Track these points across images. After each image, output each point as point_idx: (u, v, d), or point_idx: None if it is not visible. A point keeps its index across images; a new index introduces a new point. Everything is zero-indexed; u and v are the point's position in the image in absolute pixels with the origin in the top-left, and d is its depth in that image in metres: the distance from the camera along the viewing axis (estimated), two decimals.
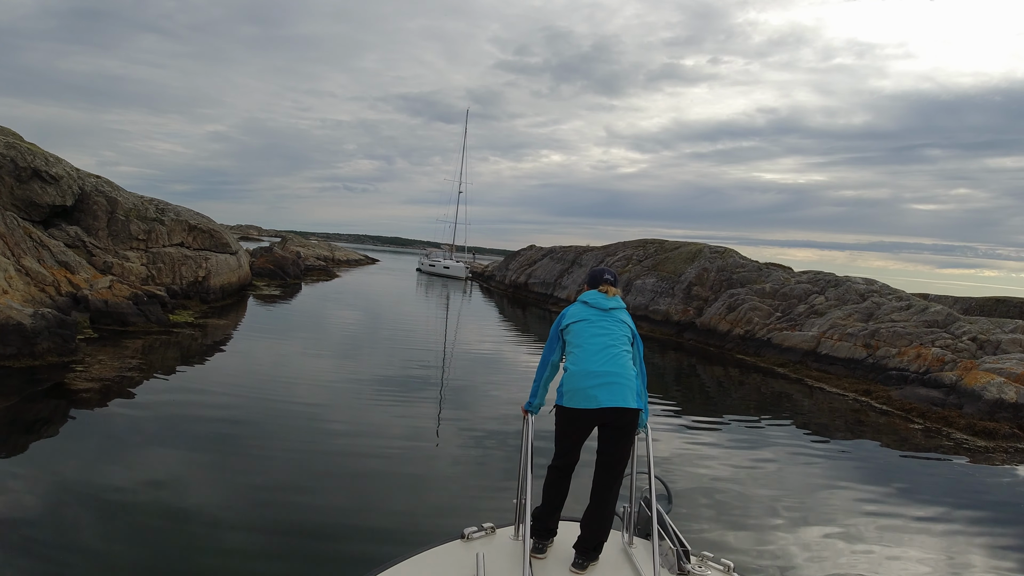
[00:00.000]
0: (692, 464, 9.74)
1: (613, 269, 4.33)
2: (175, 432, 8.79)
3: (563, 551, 3.40)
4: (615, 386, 3.40)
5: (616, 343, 3.54)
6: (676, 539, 3.20)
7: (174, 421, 9.33)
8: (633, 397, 3.43)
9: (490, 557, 3.10)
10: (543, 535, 3.47)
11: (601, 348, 3.52)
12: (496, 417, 11.34)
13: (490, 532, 3.52)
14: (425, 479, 8.12)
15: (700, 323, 27.51)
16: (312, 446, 8.79)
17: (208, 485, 7.21)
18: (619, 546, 3.54)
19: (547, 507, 3.49)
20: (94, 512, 6.22)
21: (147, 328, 16.43)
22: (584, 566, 3.27)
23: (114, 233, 21.72)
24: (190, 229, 24.23)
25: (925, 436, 13.38)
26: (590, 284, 3.89)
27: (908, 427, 13.99)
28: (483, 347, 20.24)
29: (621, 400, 3.38)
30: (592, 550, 3.31)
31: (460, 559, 3.20)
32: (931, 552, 7.49)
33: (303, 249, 55.83)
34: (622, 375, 3.44)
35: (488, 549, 3.27)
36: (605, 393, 3.38)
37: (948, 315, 20.51)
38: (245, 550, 5.92)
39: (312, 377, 12.97)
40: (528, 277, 46.85)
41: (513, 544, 3.41)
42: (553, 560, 3.37)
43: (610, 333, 3.58)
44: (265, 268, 34.04)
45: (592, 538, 3.33)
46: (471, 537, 3.43)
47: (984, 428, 13.64)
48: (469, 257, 71.23)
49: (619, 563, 3.37)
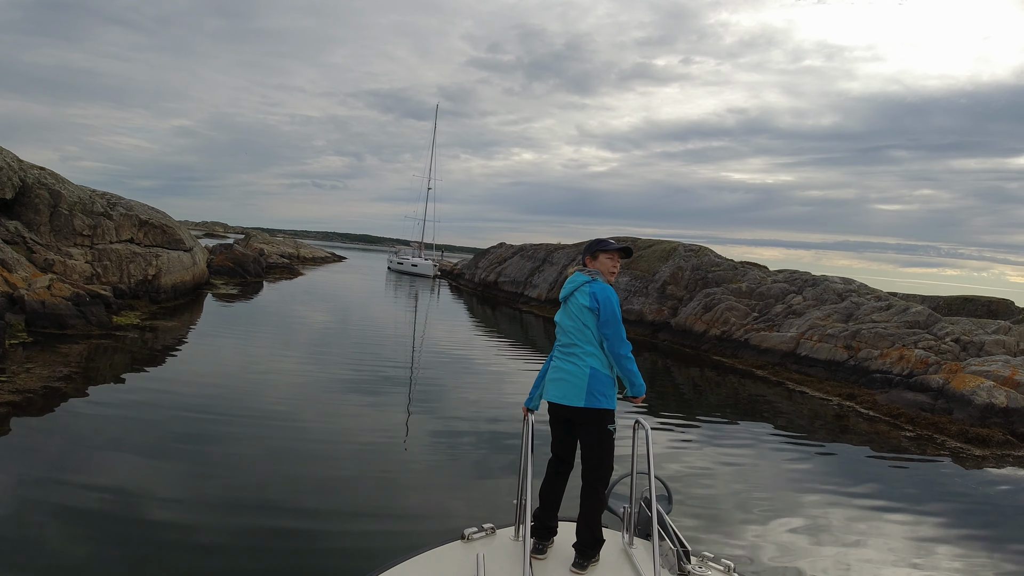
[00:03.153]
0: (670, 468, 8.94)
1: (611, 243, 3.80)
2: (100, 458, 7.68)
3: (563, 551, 3.37)
4: (561, 383, 3.45)
5: (573, 338, 3.49)
6: (676, 539, 3.21)
7: (102, 440, 8.20)
8: (579, 395, 3.37)
9: (490, 557, 3.11)
10: (543, 535, 3.43)
11: (561, 345, 3.57)
12: (466, 418, 11.06)
13: (490, 533, 3.50)
14: (397, 481, 7.96)
15: (675, 323, 26.85)
16: (259, 464, 7.78)
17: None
18: (619, 546, 3.53)
19: (542, 506, 3.48)
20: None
21: (87, 331, 15.14)
22: (584, 566, 3.22)
23: (57, 228, 20.25)
24: (140, 224, 22.81)
25: (918, 444, 12.76)
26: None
27: (899, 435, 13.37)
28: (452, 351, 19.26)
29: (564, 398, 3.42)
30: (586, 548, 3.25)
31: (460, 560, 3.18)
32: (936, 558, 7.06)
33: (267, 246, 54.23)
34: (571, 372, 3.42)
35: (488, 550, 3.26)
36: (554, 388, 3.49)
37: (929, 316, 20.09)
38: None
39: (264, 385, 11.88)
40: (498, 276, 45.93)
41: (513, 544, 3.39)
42: (553, 560, 3.35)
43: (564, 327, 3.55)
44: (224, 266, 32.59)
45: (580, 537, 3.29)
46: (471, 538, 3.41)
47: (977, 435, 13.08)
48: (438, 255, 70.10)
49: (619, 563, 3.35)
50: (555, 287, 36.53)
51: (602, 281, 3.54)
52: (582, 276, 3.57)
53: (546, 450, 3.64)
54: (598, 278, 3.55)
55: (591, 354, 3.43)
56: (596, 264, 3.64)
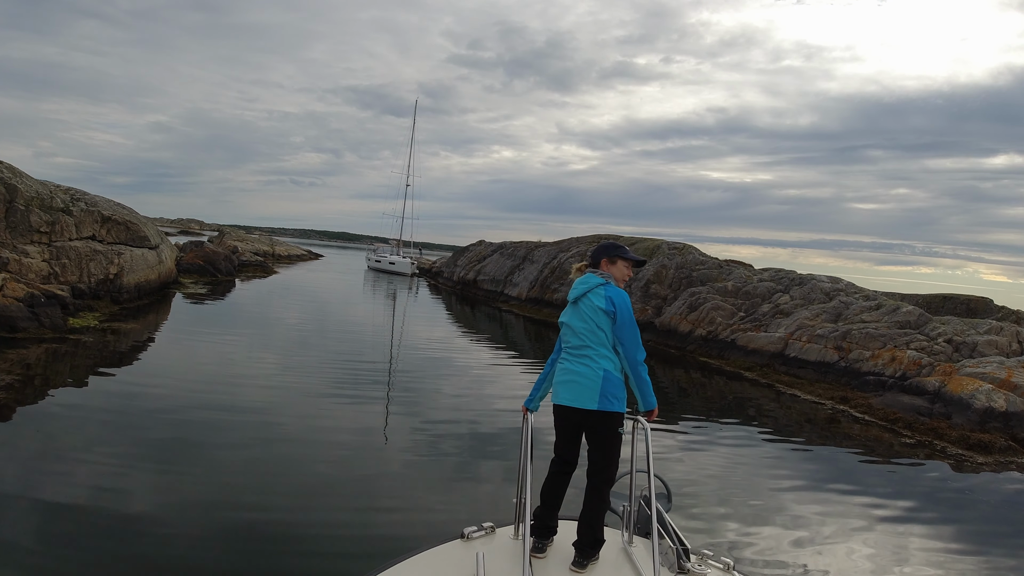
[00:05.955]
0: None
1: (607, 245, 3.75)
2: (35, 474, 6.82)
3: (563, 550, 3.33)
4: (573, 385, 3.38)
5: (585, 339, 3.41)
6: (676, 538, 3.19)
7: (40, 460, 7.33)
8: (594, 399, 3.32)
9: (490, 556, 3.05)
10: (543, 534, 3.40)
11: (570, 347, 3.48)
12: (447, 420, 10.76)
13: (490, 531, 3.47)
14: (377, 482, 7.80)
15: (659, 323, 26.27)
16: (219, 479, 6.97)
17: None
18: (619, 545, 3.50)
19: (543, 506, 3.46)
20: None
21: (39, 335, 14.14)
22: (584, 565, 3.19)
23: (12, 225, 19.08)
24: (103, 221, 21.69)
25: (918, 451, 12.23)
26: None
27: (898, 441, 12.83)
28: (430, 351, 18.46)
29: (577, 400, 3.36)
30: (587, 548, 3.22)
31: (460, 558, 3.15)
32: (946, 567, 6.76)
33: (241, 244, 52.82)
34: (584, 375, 3.36)
35: (488, 548, 3.23)
36: (565, 391, 3.41)
37: (920, 315, 19.66)
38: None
39: (233, 390, 11.01)
40: (477, 274, 45.12)
41: (513, 543, 3.37)
42: (553, 559, 3.32)
43: (575, 328, 3.46)
44: (194, 264, 31.43)
45: (581, 536, 3.25)
46: (471, 536, 3.38)
47: (979, 441, 12.57)
48: (416, 253, 69.13)
49: (619, 562, 3.33)
50: (535, 286, 35.82)
51: (614, 285, 3.54)
52: (596, 278, 3.51)
53: (545, 451, 3.56)
54: (611, 282, 3.53)
55: (604, 356, 3.40)
56: (612, 269, 3.60)
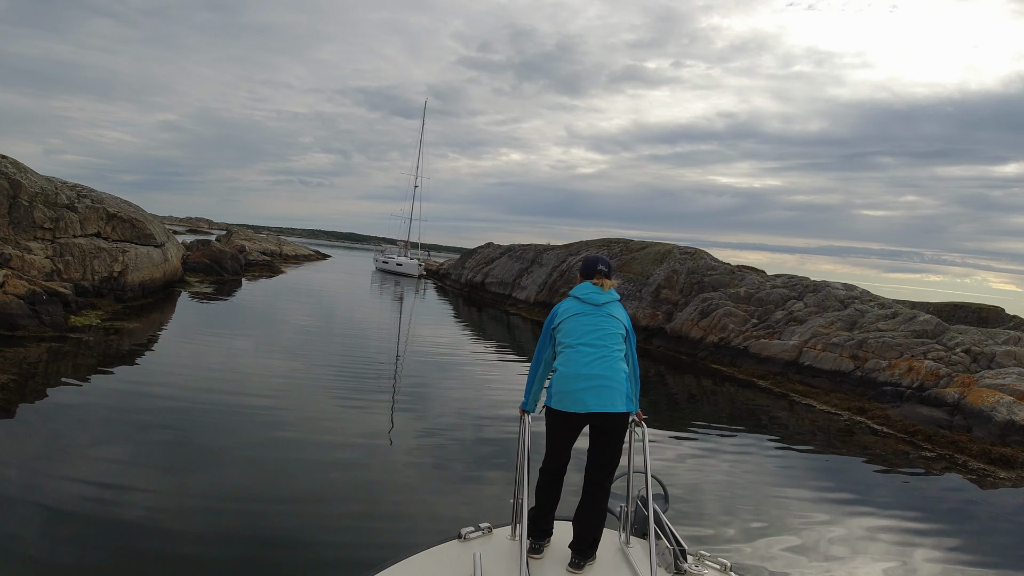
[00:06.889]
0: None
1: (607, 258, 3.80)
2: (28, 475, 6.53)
3: (560, 551, 3.32)
4: (603, 389, 3.29)
5: (608, 342, 3.39)
6: (673, 538, 3.20)
7: (31, 455, 7.04)
8: (623, 401, 3.33)
9: (487, 557, 3.06)
10: (539, 535, 3.39)
11: (591, 348, 3.38)
12: (452, 425, 10.66)
13: (487, 532, 3.46)
14: (381, 486, 7.73)
15: (670, 329, 25.88)
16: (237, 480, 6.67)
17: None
18: (616, 546, 3.50)
19: (539, 510, 3.43)
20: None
21: (40, 333, 13.90)
22: (581, 565, 3.20)
23: (16, 221, 18.89)
24: (108, 218, 21.48)
25: (939, 465, 11.82)
26: (583, 275, 3.69)
27: (918, 454, 12.42)
28: (437, 353, 18.14)
29: (610, 405, 3.30)
30: (587, 548, 3.24)
31: (457, 559, 3.15)
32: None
33: (249, 243, 52.68)
34: (611, 378, 3.32)
35: (485, 549, 3.23)
36: (593, 397, 3.29)
37: (938, 325, 19.23)
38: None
39: (232, 396, 10.72)
40: (485, 276, 44.81)
41: (510, 544, 3.37)
42: (550, 560, 3.32)
43: (601, 331, 3.42)
44: (200, 263, 31.21)
45: (586, 537, 3.26)
46: (468, 537, 3.37)
47: (1001, 455, 12.16)
48: (424, 254, 68.89)
49: (616, 562, 3.33)
50: (544, 289, 35.48)
51: None
52: (615, 293, 3.63)
53: (543, 452, 3.58)
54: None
55: (623, 359, 3.45)
56: (612, 284, 3.66)
